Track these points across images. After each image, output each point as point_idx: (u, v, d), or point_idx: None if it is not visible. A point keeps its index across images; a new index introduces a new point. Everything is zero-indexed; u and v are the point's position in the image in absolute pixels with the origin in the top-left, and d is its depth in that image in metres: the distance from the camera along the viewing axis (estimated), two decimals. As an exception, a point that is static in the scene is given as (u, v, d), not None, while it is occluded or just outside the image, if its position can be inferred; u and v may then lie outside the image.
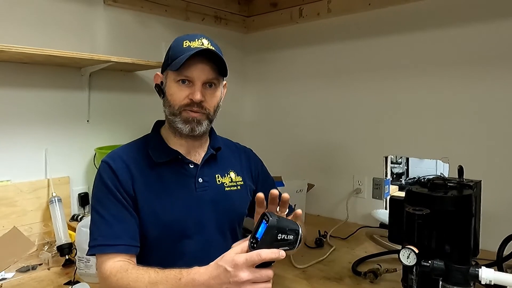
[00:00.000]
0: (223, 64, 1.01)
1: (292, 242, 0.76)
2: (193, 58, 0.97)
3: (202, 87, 1.00)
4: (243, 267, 0.73)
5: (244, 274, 0.73)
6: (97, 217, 0.98)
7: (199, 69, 0.99)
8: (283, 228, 0.75)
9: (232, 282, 0.73)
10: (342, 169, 2.13)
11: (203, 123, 1.03)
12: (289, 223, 0.77)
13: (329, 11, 2.08)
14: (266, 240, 0.74)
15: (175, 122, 1.02)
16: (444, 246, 1.03)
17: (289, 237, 0.75)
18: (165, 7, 2.05)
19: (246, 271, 0.73)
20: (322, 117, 2.21)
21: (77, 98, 1.79)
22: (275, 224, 0.74)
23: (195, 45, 0.99)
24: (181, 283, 0.80)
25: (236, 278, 0.73)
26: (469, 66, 1.68)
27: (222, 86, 1.09)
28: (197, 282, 0.78)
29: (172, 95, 1.02)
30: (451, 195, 1.06)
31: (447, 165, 1.75)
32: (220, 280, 0.75)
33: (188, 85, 1.00)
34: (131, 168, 1.01)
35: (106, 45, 1.87)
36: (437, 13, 1.75)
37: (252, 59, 2.53)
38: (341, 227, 1.90)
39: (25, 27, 1.61)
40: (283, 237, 0.75)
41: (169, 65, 1.01)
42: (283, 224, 0.75)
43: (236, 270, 0.73)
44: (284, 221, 0.76)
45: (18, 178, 1.62)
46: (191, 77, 0.99)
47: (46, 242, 1.58)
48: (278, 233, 0.74)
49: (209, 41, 1.02)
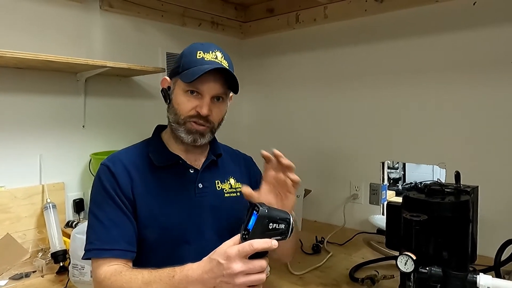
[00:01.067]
0: (235, 80, 1.00)
1: (283, 231, 0.76)
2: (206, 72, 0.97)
3: (210, 101, 1.00)
4: (235, 259, 0.72)
5: (237, 265, 0.72)
6: (94, 220, 0.97)
7: (211, 84, 0.98)
8: (273, 217, 0.75)
9: (225, 275, 0.73)
10: (339, 175, 2.12)
11: (206, 136, 1.03)
12: (279, 213, 0.77)
13: (326, 17, 2.09)
14: (257, 231, 0.74)
15: (178, 131, 1.02)
16: (442, 252, 1.02)
17: (280, 226, 0.75)
18: (162, 12, 2.05)
19: (239, 262, 0.72)
20: (319, 122, 2.21)
21: (72, 104, 1.78)
22: (266, 214, 0.74)
23: (209, 58, 0.98)
24: (175, 280, 0.79)
25: (229, 270, 0.72)
26: (466, 72, 1.69)
27: (228, 99, 1.08)
28: (190, 278, 0.77)
29: (180, 105, 1.01)
30: (449, 201, 1.06)
31: (444, 170, 1.75)
32: (213, 274, 0.74)
33: (196, 97, 1.00)
34: (131, 172, 1.00)
35: (102, 50, 1.87)
36: (433, 19, 1.76)
37: (249, 65, 2.53)
38: (338, 233, 1.89)
39: (21, 32, 1.60)
40: (274, 226, 0.75)
41: (180, 74, 0.99)
42: (273, 214, 0.75)
43: (228, 262, 0.72)
44: (275, 211, 0.76)
45: (13, 184, 1.60)
46: (201, 90, 0.99)
47: (40, 249, 1.56)
48: (269, 223, 0.74)
49: (222, 54, 1.01)
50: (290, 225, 0.76)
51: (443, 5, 1.71)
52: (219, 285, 0.74)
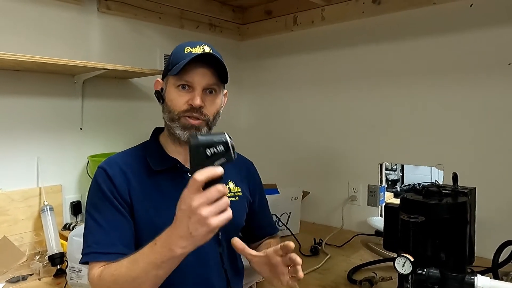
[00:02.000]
0: (224, 70, 1.00)
1: (224, 152, 0.73)
2: (194, 63, 0.96)
3: (202, 93, 0.99)
4: (189, 196, 0.72)
5: (193, 201, 0.71)
6: (91, 223, 0.96)
7: (200, 74, 0.98)
8: (207, 143, 0.73)
9: (191, 216, 0.72)
10: (337, 176, 2.12)
11: (202, 130, 1.01)
12: (212, 136, 0.74)
13: (323, 19, 2.09)
14: (197, 162, 0.72)
15: (173, 128, 1.01)
16: (440, 254, 1.02)
17: (219, 148, 0.73)
18: (160, 14, 2.06)
19: (194, 198, 0.71)
20: (317, 124, 2.21)
21: (70, 106, 1.77)
22: (198, 142, 0.72)
23: (196, 51, 0.98)
24: (157, 247, 0.79)
25: (190, 209, 0.71)
26: (463, 73, 1.69)
27: (222, 94, 1.08)
28: (169, 237, 0.77)
29: (172, 101, 1.01)
30: (446, 202, 1.06)
31: (441, 172, 1.76)
32: (182, 222, 0.73)
33: (188, 91, 0.99)
34: (128, 175, 1.00)
35: (99, 53, 1.87)
36: (431, 21, 1.77)
37: (247, 66, 2.53)
38: (336, 235, 1.89)
39: (18, 35, 1.60)
40: (213, 151, 0.72)
41: (170, 70, 1.00)
42: (206, 139, 0.73)
43: (185, 203, 0.72)
44: (207, 136, 0.74)
45: (10, 186, 1.59)
46: (191, 82, 0.98)
47: (37, 252, 1.55)
48: (206, 149, 0.72)
49: (210, 47, 1.01)
50: (229, 144, 0.73)
51: (441, 7, 1.72)
52: (194, 229, 0.73)
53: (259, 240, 1.24)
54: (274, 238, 1.26)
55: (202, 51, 0.98)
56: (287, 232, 1.84)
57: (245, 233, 1.19)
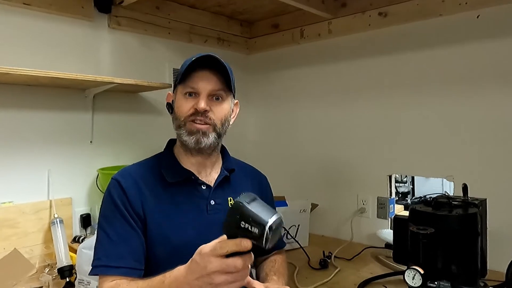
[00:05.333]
0: (228, 75, 1.01)
1: (256, 237, 0.65)
2: (199, 71, 0.98)
3: (208, 99, 1.00)
4: (210, 257, 0.70)
5: (211, 265, 0.70)
6: (103, 235, 0.97)
7: (204, 80, 0.99)
8: (246, 216, 0.66)
9: (204, 275, 0.71)
10: (346, 189, 2.11)
11: (209, 135, 1.01)
12: (258, 212, 0.66)
13: (330, 32, 2.11)
14: (229, 225, 0.68)
15: (181, 135, 1.01)
16: (451, 266, 1.01)
17: (253, 230, 0.65)
18: (169, 29, 2.09)
19: (213, 261, 0.70)
20: (325, 136, 2.21)
21: (80, 119, 1.80)
22: (238, 208, 0.66)
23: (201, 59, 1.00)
24: (165, 285, 0.79)
25: (206, 269, 0.70)
26: (472, 84, 1.68)
27: (232, 102, 1.08)
28: (179, 280, 0.77)
29: (179, 108, 1.02)
30: (456, 213, 1.05)
31: (452, 183, 1.73)
32: (195, 274, 0.73)
33: (194, 97, 1.01)
34: (142, 187, 1.00)
35: (110, 67, 1.90)
36: (437, 32, 1.77)
37: (254, 79, 2.55)
38: (345, 248, 1.87)
39: (31, 50, 1.64)
40: (246, 227, 0.65)
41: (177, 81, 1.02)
42: (247, 213, 0.66)
43: (204, 261, 0.71)
44: (253, 209, 0.66)
45: (21, 199, 1.61)
46: (196, 88, 1.00)
47: (47, 264, 1.56)
48: (241, 221, 0.66)
49: (216, 55, 1.02)
50: (265, 232, 0.64)
51: (447, 18, 1.73)
52: (203, 285, 0.72)
53: (266, 254, 1.23)
54: (280, 254, 1.25)
55: (207, 54, 0.99)
56: (295, 245, 1.82)
57: None
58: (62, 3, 1.70)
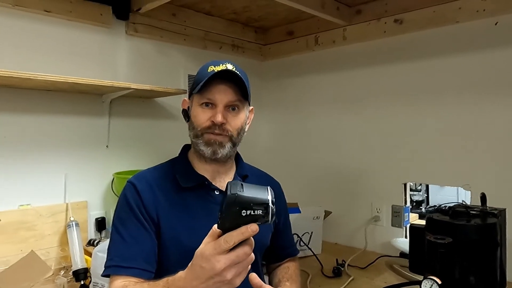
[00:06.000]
0: (245, 87, 1.01)
1: (261, 216, 0.65)
2: (216, 81, 0.99)
3: (224, 110, 1.01)
4: (215, 256, 0.67)
5: (219, 263, 0.66)
6: (116, 236, 0.98)
7: (221, 92, 1.00)
8: (246, 203, 0.64)
9: (214, 276, 0.67)
10: (360, 196, 2.09)
11: (225, 146, 1.02)
12: (254, 195, 0.65)
13: (345, 39, 2.11)
14: (228, 217, 0.65)
15: (198, 145, 1.03)
16: (469, 277, 0.99)
17: (256, 212, 0.65)
18: (184, 36, 2.12)
19: (221, 259, 0.66)
20: (339, 143, 2.20)
21: (97, 124, 1.83)
22: (234, 200, 0.64)
23: (218, 69, 1.00)
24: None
25: (214, 270, 0.66)
26: (490, 91, 1.66)
27: (247, 110, 1.09)
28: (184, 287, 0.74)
29: (195, 117, 1.03)
30: (474, 223, 1.03)
31: (468, 192, 1.70)
32: (202, 279, 0.69)
33: (211, 108, 1.02)
34: (156, 191, 1.01)
35: (126, 73, 1.93)
36: (454, 39, 1.75)
37: (268, 86, 2.56)
38: (359, 256, 1.85)
39: (50, 56, 1.68)
40: (249, 213, 0.64)
41: (194, 89, 1.03)
42: (245, 199, 0.64)
43: (210, 263, 0.67)
44: (248, 194, 0.65)
45: (38, 202, 1.64)
46: (213, 100, 1.01)
47: (62, 267, 1.58)
48: (241, 210, 0.64)
49: (233, 66, 1.03)
50: (269, 209, 0.65)
51: (464, 25, 1.71)
52: (216, 287, 0.69)
53: (280, 261, 1.23)
54: (293, 261, 1.25)
55: (224, 68, 1.00)
56: (308, 252, 1.81)
57: (267, 252, 1.18)
58: (81, 10, 1.74)
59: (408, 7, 1.84)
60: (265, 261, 1.23)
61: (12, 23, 1.58)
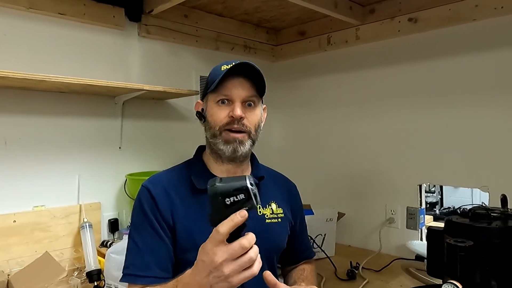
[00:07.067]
0: (261, 79, 1.00)
1: (245, 200, 0.68)
2: (231, 77, 0.98)
3: (242, 106, 1.00)
4: (212, 248, 0.69)
5: (217, 257, 0.68)
6: (131, 243, 0.98)
7: (238, 87, 0.99)
8: (227, 192, 0.68)
9: (213, 270, 0.69)
10: (374, 198, 2.06)
11: (245, 143, 1.01)
12: (232, 183, 0.69)
13: (358, 38, 2.08)
14: (216, 210, 0.69)
15: (216, 144, 1.01)
16: (490, 281, 0.96)
17: (240, 197, 0.68)
18: (196, 37, 2.12)
19: (217, 252, 0.68)
20: (352, 144, 2.17)
21: (110, 126, 1.84)
22: (216, 191, 0.68)
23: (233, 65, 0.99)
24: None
25: (213, 264, 0.68)
26: (508, 90, 1.62)
27: (261, 108, 1.08)
28: (189, 284, 0.75)
29: (212, 116, 1.01)
30: (496, 226, 1.00)
31: (484, 194, 1.66)
32: (204, 274, 0.70)
33: (228, 105, 1.00)
34: (171, 194, 1.00)
35: (139, 74, 1.94)
36: (471, 38, 1.72)
37: (280, 87, 2.55)
38: (374, 259, 1.82)
39: (64, 58, 1.69)
40: (233, 199, 0.68)
41: (208, 89, 1.01)
42: (224, 188, 0.69)
43: (208, 257, 0.69)
44: (226, 183, 0.69)
45: (52, 203, 1.65)
46: (230, 96, 0.99)
47: (76, 268, 1.59)
48: (225, 199, 0.68)
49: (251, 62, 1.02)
50: (250, 192, 0.68)
51: (481, 23, 1.67)
52: (214, 282, 0.70)
53: (296, 264, 1.21)
54: (309, 264, 1.23)
55: (239, 61, 0.99)
56: (322, 254, 1.79)
57: (283, 255, 1.16)
58: (94, 13, 1.75)
59: (423, 5, 1.81)
60: (280, 264, 1.22)
61: (26, 25, 1.59)
